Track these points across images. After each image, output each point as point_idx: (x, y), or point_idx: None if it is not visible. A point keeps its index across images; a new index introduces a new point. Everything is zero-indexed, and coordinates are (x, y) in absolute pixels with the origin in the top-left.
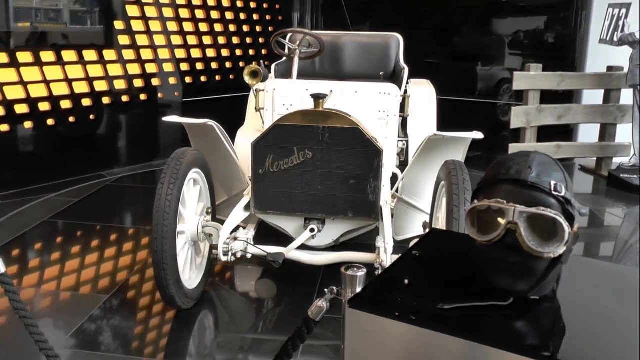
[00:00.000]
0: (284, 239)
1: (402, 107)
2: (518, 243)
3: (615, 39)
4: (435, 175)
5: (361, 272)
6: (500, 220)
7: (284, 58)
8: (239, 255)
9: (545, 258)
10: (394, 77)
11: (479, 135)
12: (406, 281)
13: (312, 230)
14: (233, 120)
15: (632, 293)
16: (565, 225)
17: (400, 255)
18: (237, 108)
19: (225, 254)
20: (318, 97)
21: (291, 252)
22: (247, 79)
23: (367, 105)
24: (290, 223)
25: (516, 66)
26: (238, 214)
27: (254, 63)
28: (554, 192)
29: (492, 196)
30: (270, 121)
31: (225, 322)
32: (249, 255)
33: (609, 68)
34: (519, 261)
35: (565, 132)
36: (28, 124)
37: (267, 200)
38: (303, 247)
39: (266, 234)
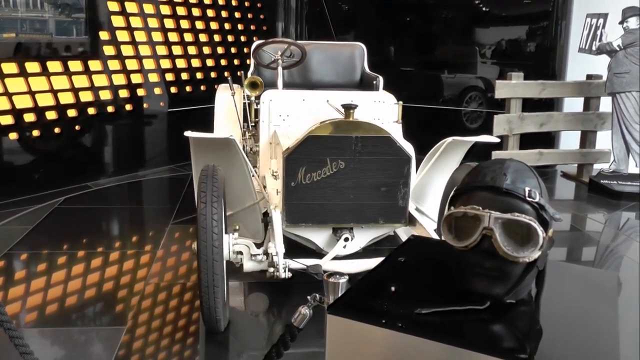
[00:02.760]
0: (298, 250)
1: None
2: (494, 248)
3: (593, 48)
4: (438, 178)
5: (343, 279)
6: (476, 226)
7: (252, 68)
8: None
9: (520, 263)
10: (362, 86)
11: (494, 138)
12: (392, 288)
13: (346, 239)
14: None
15: (610, 296)
16: (540, 230)
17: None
18: None
19: (284, 270)
20: (349, 108)
21: (327, 263)
22: (247, 90)
23: (364, 113)
24: (319, 234)
25: (501, 75)
26: (279, 229)
27: (226, 73)
28: (528, 198)
29: (468, 203)
30: (266, 133)
31: (246, 339)
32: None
33: (589, 76)
34: (495, 266)
35: (547, 140)
36: (13, 135)
37: (299, 212)
38: (322, 255)
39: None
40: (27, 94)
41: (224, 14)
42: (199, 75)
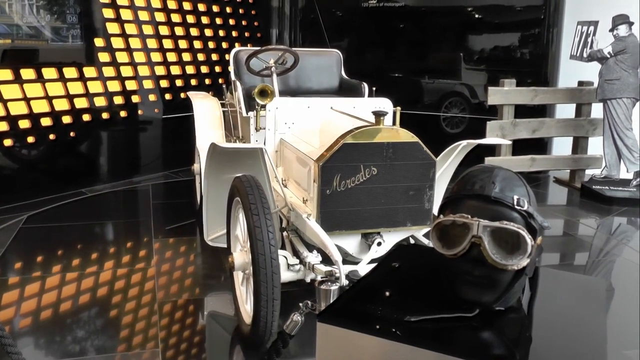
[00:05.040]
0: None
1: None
2: (482, 256)
3: (584, 55)
4: (440, 180)
5: (334, 286)
6: (464, 234)
7: (233, 76)
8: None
9: (509, 270)
10: (342, 92)
11: (505, 141)
12: (387, 293)
13: (379, 244)
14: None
15: (599, 303)
16: (528, 238)
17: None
18: None
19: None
20: (380, 115)
21: (362, 268)
22: (257, 98)
23: (364, 119)
24: (350, 240)
25: (494, 81)
26: (326, 236)
27: (220, 80)
28: (516, 207)
29: (457, 211)
30: (272, 141)
31: (242, 346)
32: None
33: (580, 83)
34: (483, 274)
35: (540, 146)
36: (8, 142)
37: (333, 219)
38: (348, 261)
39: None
40: (22, 100)
41: (218, 21)
42: (193, 82)
